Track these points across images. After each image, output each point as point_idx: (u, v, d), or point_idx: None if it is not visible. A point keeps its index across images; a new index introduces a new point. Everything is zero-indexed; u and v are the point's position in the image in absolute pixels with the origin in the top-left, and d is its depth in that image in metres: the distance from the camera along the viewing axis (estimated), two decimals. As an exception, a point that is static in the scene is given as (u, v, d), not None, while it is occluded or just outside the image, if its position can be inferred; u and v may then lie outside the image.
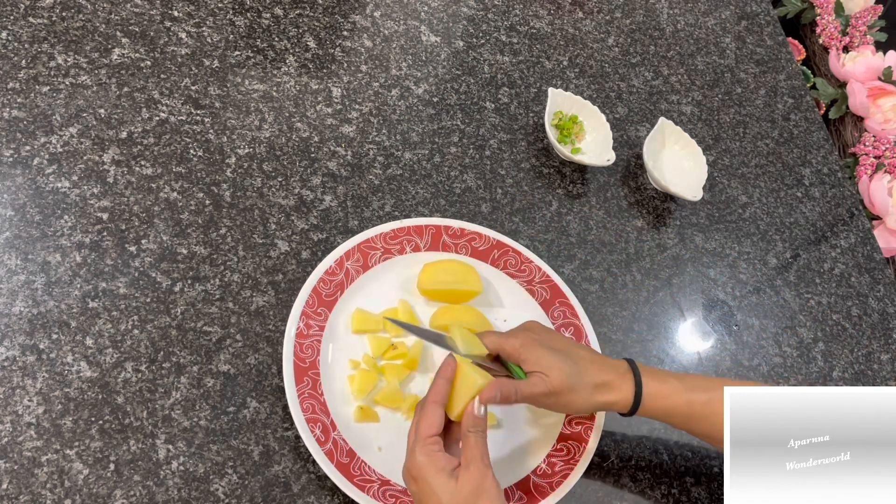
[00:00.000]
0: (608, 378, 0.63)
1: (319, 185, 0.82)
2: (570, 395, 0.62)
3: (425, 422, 0.58)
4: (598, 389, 0.63)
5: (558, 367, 0.61)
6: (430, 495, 0.55)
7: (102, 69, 0.81)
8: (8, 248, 0.68)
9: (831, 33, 1.50)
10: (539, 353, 0.62)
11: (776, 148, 1.11)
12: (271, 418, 0.67)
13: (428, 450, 0.56)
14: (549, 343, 0.64)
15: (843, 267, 1.01)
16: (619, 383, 0.64)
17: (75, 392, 0.63)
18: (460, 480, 0.55)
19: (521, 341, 0.63)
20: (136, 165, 0.76)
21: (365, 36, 0.97)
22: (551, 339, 0.65)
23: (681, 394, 0.64)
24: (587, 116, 0.97)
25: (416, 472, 0.56)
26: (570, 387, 0.61)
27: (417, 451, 0.57)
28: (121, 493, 0.60)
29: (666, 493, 0.75)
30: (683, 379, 0.65)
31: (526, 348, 0.62)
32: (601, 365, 0.64)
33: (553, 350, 0.63)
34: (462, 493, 0.54)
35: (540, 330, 0.66)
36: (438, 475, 0.55)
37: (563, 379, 0.61)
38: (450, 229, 0.80)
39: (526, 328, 0.66)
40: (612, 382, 0.63)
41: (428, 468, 0.55)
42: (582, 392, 0.62)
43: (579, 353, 0.64)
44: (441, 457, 0.56)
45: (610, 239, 0.91)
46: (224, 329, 0.70)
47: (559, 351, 0.63)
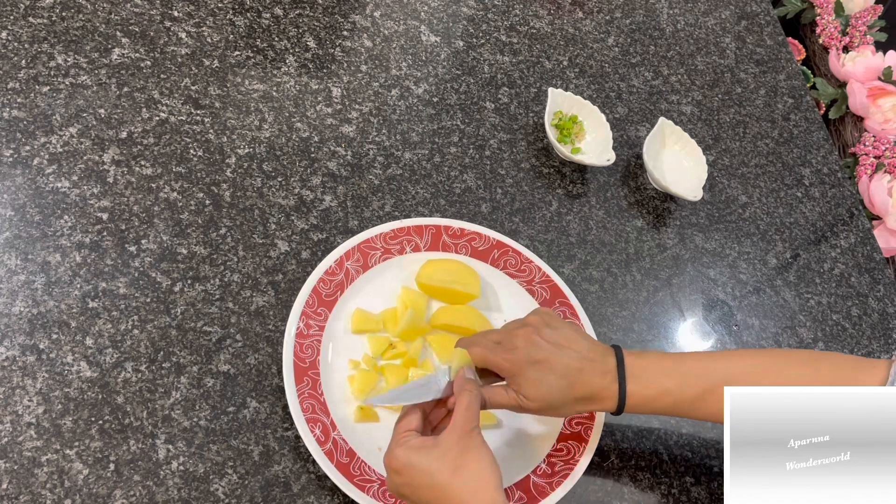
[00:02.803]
0: (594, 391, 0.62)
1: (319, 185, 0.82)
2: (552, 411, 0.63)
3: (402, 421, 0.58)
4: (581, 402, 0.62)
5: (539, 396, 0.60)
6: (419, 475, 0.54)
7: (102, 69, 0.81)
8: (8, 248, 0.68)
9: (831, 33, 1.50)
10: (521, 381, 0.60)
11: (776, 148, 1.11)
12: (271, 418, 0.67)
13: (402, 440, 0.56)
14: (535, 357, 0.61)
15: (843, 267, 1.01)
16: (602, 394, 0.62)
17: (75, 392, 0.63)
18: (443, 447, 0.54)
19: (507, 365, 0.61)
20: (136, 165, 0.76)
21: (365, 36, 0.97)
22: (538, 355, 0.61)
23: (666, 397, 0.63)
24: (587, 116, 0.97)
25: (396, 463, 0.55)
26: (549, 406, 0.61)
27: (392, 446, 0.56)
28: (121, 493, 0.60)
29: (666, 493, 0.75)
30: (672, 374, 0.63)
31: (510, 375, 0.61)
32: (590, 375, 0.62)
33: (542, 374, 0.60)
34: (448, 456, 0.53)
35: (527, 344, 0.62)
36: (418, 453, 0.54)
37: (543, 405, 0.61)
38: (450, 229, 0.80)
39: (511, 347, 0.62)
40: (597, 395, 0.62)
41: (406, 454, 0.55)
42: (565, 408, 0.62)
43: (568, 366, 0.61)
44: (416, 440, 0.55)
45: (610, 239, 0.91)
46: (224, 329, 0.70)
47: (547, 372, 0.60)
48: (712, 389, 0.62)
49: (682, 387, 0.63)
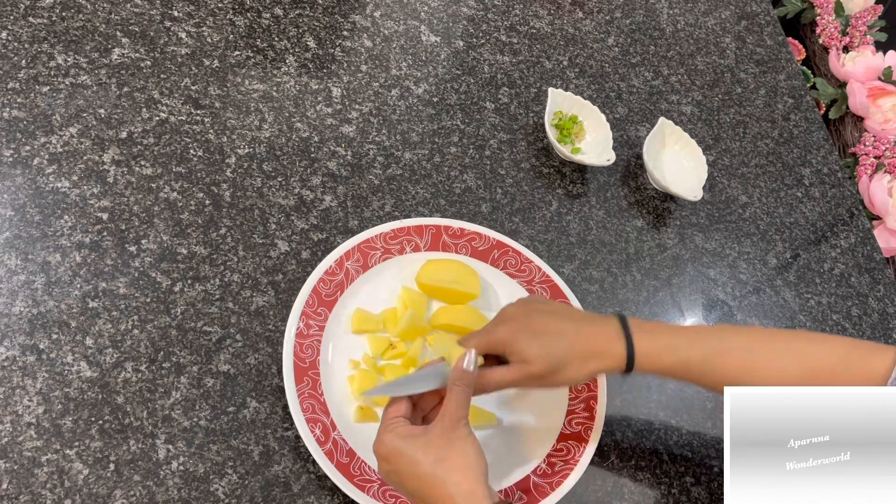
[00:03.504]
0: (598, 346, 0.61)
1: (319, 185, 0.82)
2: (557, 374, 0.60)
3: (391, 407, 0.58)
4: (588, 360, 0.61)
5: (541, 354, 0.60)
6: (405, 462, 0.54)
7: (102, 69, 0.81)
8: (8, 248, 0.68)
9: (831, 33, 1.50)
10: (522, 343, 0.60)
11: (776, 148, 1.11)
12: (271, 418, 0.67)
13: (391, 426, 0.56)
14: (532, 327, 0.61)
15: (843, 267, 1.01)
16: (609, 349, 0.61)
17: (75, 392, 0.63)
18: (431, 431, 0.54)
19: (504, 334, 0.61)
20: (136, 165, 0.76)
21: (365, 36, 0.97)
22: (534, 319, 0.62)
23: (675, 352, 0.62)
24: (587, 116, 0.97)
25: (384, 449, 0.55)
26: (555, 368, 0.60)
27: (381, 432, 0.56)
28: (121, 493, 0.60)
29: (666, 493, 0.75)
30: (678, 334, 0.63)
31: (510, 342, 0.61)
32: (590, 333, 0.62)
33: (537, 335, 0.61)
34: (434, 446, 0.53)
35: (521, 314, 0.63)
36: (406, 440, 0.54)
37: (547, 364, 0.60)
38: (450, 229, 0.80)
39: (506, 318, 0.64)
40: (602, 350, 0.61)
41: (394, 440, 0.54)
42: (570, 368, 0.61)
43: (566, 328, 0.62)
44: (405, 427, 0.55)
45: (610, 239, 0.91)
46: (224, 329, 0.70)
47: (543, 333, 0.61)
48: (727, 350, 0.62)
49: (690, 342, 0.62)
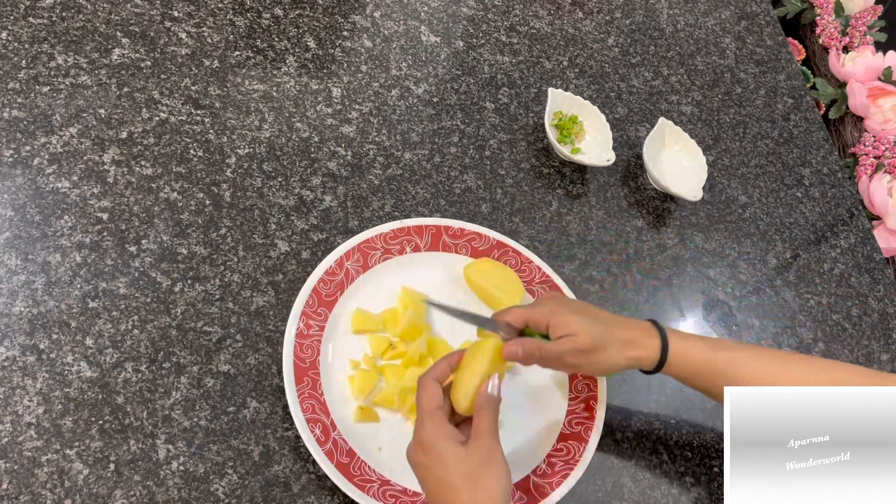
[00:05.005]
0: (636, 335, 0.65)
1: (319, 185, 0.82)
2: (599, 353, 0.63)
3: (426, 396, 0.58)
4: (627, 346, 0.65)
5: (587, 328, 0.62)
6: (438, 463, 0.55)
7: (102, 69, 0.81)
8: (8, 248, 0.68)
9: (831, 33, 1.50)
10: (567, 318, 0.63)
11: (776, 148, 1.11)
12: (271, 418, 0.67)
13: (437, 420, 0.57)
14: (575, 307, 0.65)
15: (843, 267, 1.01)
16: (646, 340, 0.65)
17: (75, 392, 0.63)
18: (469, 450, 0.55)
19: (549, 308, 0.64)
20: (136, 165, 0.76)
21: (365, 36, 0.97)
22: (577, 304, 0.68)
23: (704, 351, 0.66)
24: (587, 116, 0.97)
25: (427, 439, 0.56)
26: (599, 345, 0.63)
27: (426, 421, 0.57)
28: (121, 493, 0.60)
29: (666, 494, 0.75)
30: (706, 340, 0.68)
31: (554, 315, 0.63)
32: (628, 324, 0.67)
33: (580, 313, 0.64)
34: (471, 462, 0.54)
35: (564, 298, 0.70)
36: (448, 441, 0.55)
37: (592, 338, 0.62)
38: (450, 229, 0.80)
39: (551, 297, 0.68)
40: (640, 339, 0.65)
41: (438, 436, 0.56)
42: (610, 349, 0.64)
43: (606, 316, 0.67)
44: (450, 427, 0.57)
45: (610, 239, 0.91)
46: (224, 329, 0.70)
47: (586, 314, 0.64)
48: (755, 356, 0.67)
49: (717, 343, 0.68)
